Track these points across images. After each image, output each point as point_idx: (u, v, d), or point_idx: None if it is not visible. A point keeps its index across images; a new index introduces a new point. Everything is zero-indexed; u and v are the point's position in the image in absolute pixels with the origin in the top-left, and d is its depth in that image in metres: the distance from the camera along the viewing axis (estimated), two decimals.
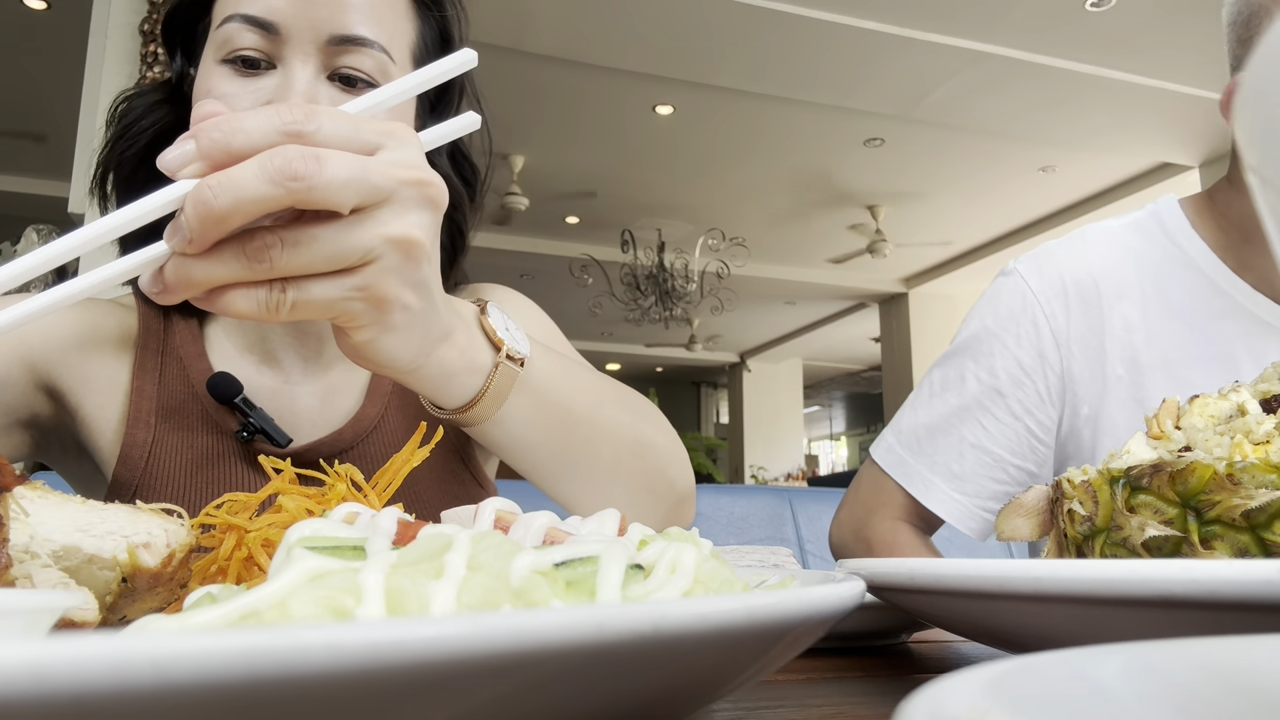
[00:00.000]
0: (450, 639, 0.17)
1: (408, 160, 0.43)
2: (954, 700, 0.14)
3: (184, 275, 0.39)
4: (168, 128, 0.78)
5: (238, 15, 0.68)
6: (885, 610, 0.52)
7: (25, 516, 0.31)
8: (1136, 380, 0.87)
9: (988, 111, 4.76)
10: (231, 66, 0.69)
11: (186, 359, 0.78)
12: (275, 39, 0.68)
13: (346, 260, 0.42)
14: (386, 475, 0.50)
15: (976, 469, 0.92)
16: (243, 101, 0.68)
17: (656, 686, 0.23)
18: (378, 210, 0.42)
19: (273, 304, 0.41)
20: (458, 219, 0.84)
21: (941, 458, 0.94)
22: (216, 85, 0.68)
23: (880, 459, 0.99)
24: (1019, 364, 0.92)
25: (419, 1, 0.77)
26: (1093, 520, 0.45)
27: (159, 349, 0.79)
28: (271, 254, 0.40)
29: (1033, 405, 0.91)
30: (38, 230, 2.95)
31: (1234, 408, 0.47)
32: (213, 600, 0.26)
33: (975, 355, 0.95)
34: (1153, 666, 0.18)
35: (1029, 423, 0.92)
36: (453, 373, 0.53)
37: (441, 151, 0.80)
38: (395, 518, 0.29)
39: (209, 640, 0.16)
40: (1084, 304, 0.90)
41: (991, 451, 0.92)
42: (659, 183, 6.31)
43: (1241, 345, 0.85)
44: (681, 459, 0.74)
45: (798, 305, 9.20)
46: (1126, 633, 0.28)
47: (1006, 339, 0.93)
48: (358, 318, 0.45)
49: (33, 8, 4.18)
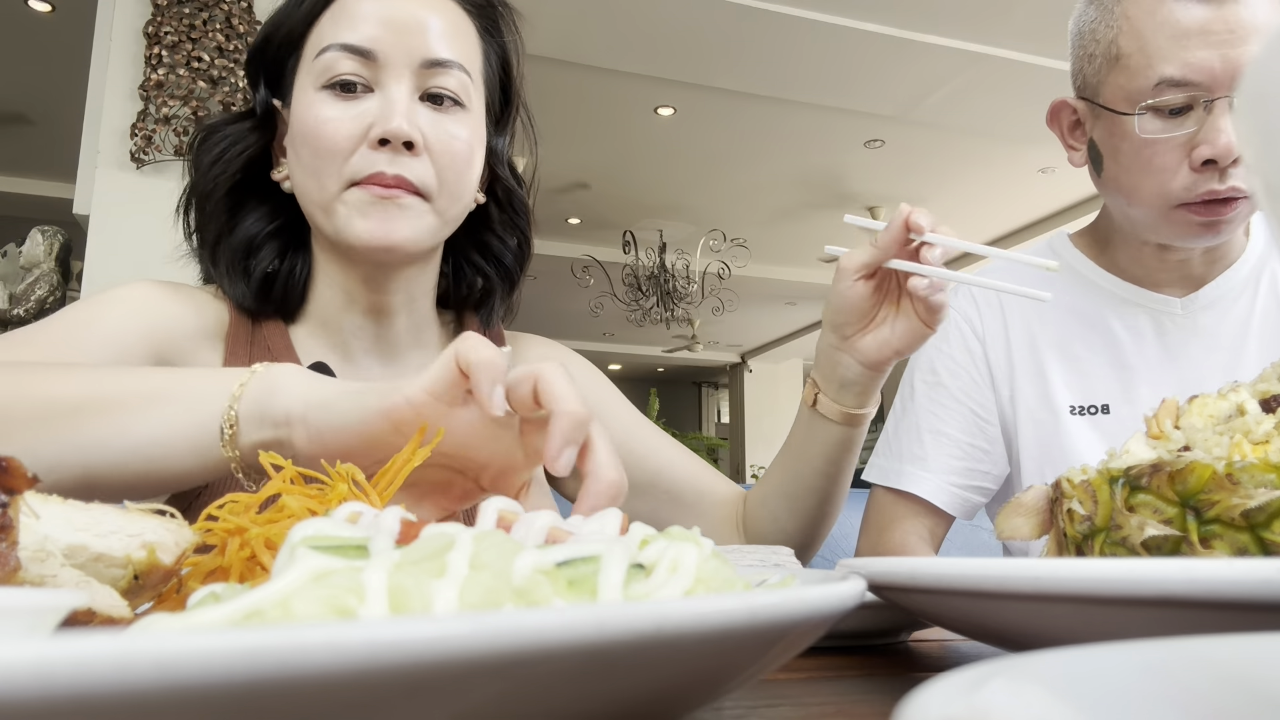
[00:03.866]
0: (452, 638, 0.17)
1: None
2: (954, 699, 0.14)
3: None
4: (255, 155, 0.82)
5: (337, 44, 0.75)
6: (885, 609, 0.52)
7: (37, 519, 0.31)
8: (1036, 358, 1.06)
9: (988, 113, 4.76)
10: (331, 92, 0.76)
11: (276, 351, 0.82)
12: (373, 64, 0.75)
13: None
14: (387, 475, 0.50)
15: (935, 449, 1.06)
16: (346, 125, 0.74)
17: (657, 685, 0.23)
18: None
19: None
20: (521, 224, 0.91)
21: (905, 447, 1.07)
22: (321, 110, 0.75)
23: (869, 476, 1.11)
24: (952, 359, 1.10)
25: (485, 29, 0.84)
26: (1092, 520, 0.45)
27: (249, 340, 0.82)
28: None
29: (970, 388, 1.08)
30: (43, 231, 2.95)
31: (1233, 407, 0.47)
32: (216, 599, 0.26)
33: (916, 366, 1.14)
34: (1152, 665, 0.18)
35: (970, 405, 1.08)
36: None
37: (504, 162, 0.89)
38: (398, 517, 0.29)
39: (212, 639, 0.16)
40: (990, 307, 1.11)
41: (945, 433, 1.07)
42: (660, 184, 6.31)
43: (1114, 317, 1.04)
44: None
45: (798, 306, 9.20)
46: (1126, 632, 0.28)
47: (940, 344, 1.11)
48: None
49: (37, 10, 4.18)
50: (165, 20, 2.91)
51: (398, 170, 0.74)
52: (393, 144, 0.74)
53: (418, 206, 0.76)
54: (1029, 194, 6.44)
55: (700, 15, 3.85)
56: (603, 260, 7.07)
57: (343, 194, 0.75)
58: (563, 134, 5.44)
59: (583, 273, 7.13)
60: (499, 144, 0.88)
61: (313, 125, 0.75)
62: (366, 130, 0.74)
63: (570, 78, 4.71)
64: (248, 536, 0.39)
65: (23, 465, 0.28)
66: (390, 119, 0.73)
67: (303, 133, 0.76)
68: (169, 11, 2.92)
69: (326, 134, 0.74)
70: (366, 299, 0.83)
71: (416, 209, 0.76)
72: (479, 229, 0.89)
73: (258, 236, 0.83)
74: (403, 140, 0.73)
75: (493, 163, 0.87)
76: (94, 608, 0.29)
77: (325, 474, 0.46)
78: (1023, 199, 6.53)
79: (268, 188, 0.83)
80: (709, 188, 6.39)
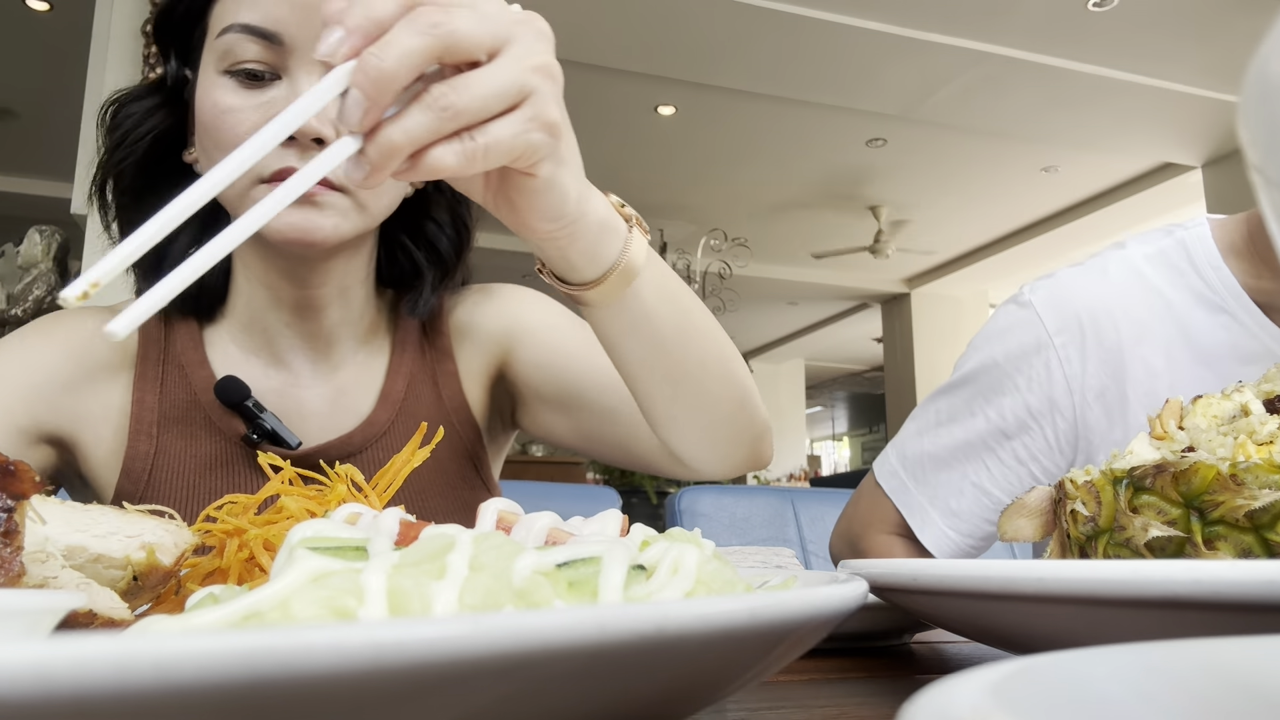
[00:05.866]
0: (452, 640, 0.17)
1: (506, 8, 0.48)
2: (957, 701, 0.14)
3: (386, 145, 0.42)
4: (165, 132, 0.76)
5: (237, 25, 0.66)
6: (888, 611, 0.52)
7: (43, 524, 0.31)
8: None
9: (990, 112, 4.76)
10: (235, 78, 0.67)
11: (188, 366, 0.77)
12: (279, 50, 0.67)
13: (509, 94, 0.45)
14: (387, 476, 0.50)
15: (974, 508, 0.90)
16: (249, 115, 0.67)
17: (659, 687, 0.23)
18: (509, 49, 0.45)
19: (470, 151, 0.44)
20: (460, 210, 0.84)
21: (942, 492, 0.92)
22: (221, 99, 0.67)
23: (883, 481, 0.98)
24: (1028, 408, 0.88)
25: None
26: (1096, 521, 0.45)
27: (160, 358, 0.78)
28: (448, 99, 0.43)
29: (1039, 452, 0.88)
30: (40, 231, 2.95)
31: (1237, 408, 0.47)
32: (215, 601, 0.26)
33: (984, 391, 0.91)
34: (1156, 667, 0.18)
35: (1033, 468, 0.89)
36: (603, 222, 0.56)
37: None
38: (397, 518, 0.29)
39: (211, 641, 0.16)
40: (1102, 348, 0.85)
41: (991, 494, 0.90)
42: (661, 183, 6.31)
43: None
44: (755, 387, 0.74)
45: (800, 306, 9.20)
46: (1130, 633, 0.27)
47: (1017, 379, 0.88)
48: (539, 149, 0.48)
49: (35, 9, 4.19)
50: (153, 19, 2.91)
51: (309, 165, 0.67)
52: (300, 140, 0.65)
53: (338, 202, 0.68)
54: (1032, 193, 6.44)
55: (701, 13, 3.85)
56: None
57: (250, 191, 0.67)
58: None
59: None
60: None
61: (212, 115, 0.67)
62: None
63: (570, 77, 4.65)
64: (246, 538, 0.39)
65: (30, 470, 0.28)
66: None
67: (203, 121, 0.69)
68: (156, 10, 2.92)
69: (226, 126, 0.67)
70: (292, 294, 0.76)
71: (336, 205, 0.68)
72: (415, 213, 0.82)
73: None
74: (311, 138, 0.65)
75: None
76: (94, 609, 0.29)
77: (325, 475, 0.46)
78: (1025, 198, 6.53)
79: (182, 168, 0.76)
80: (710, 187, 6.39)
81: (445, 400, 0.85)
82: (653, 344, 0.64)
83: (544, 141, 0.48)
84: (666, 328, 0.63)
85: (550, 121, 0.47)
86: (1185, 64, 4.33)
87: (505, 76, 0.45)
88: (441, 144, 0.44)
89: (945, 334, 8.10)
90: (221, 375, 0.76)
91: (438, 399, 0.85)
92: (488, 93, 0.44)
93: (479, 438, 0.86)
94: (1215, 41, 4.12)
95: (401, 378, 0.83)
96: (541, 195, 0.51)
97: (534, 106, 0.46)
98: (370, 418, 0.80)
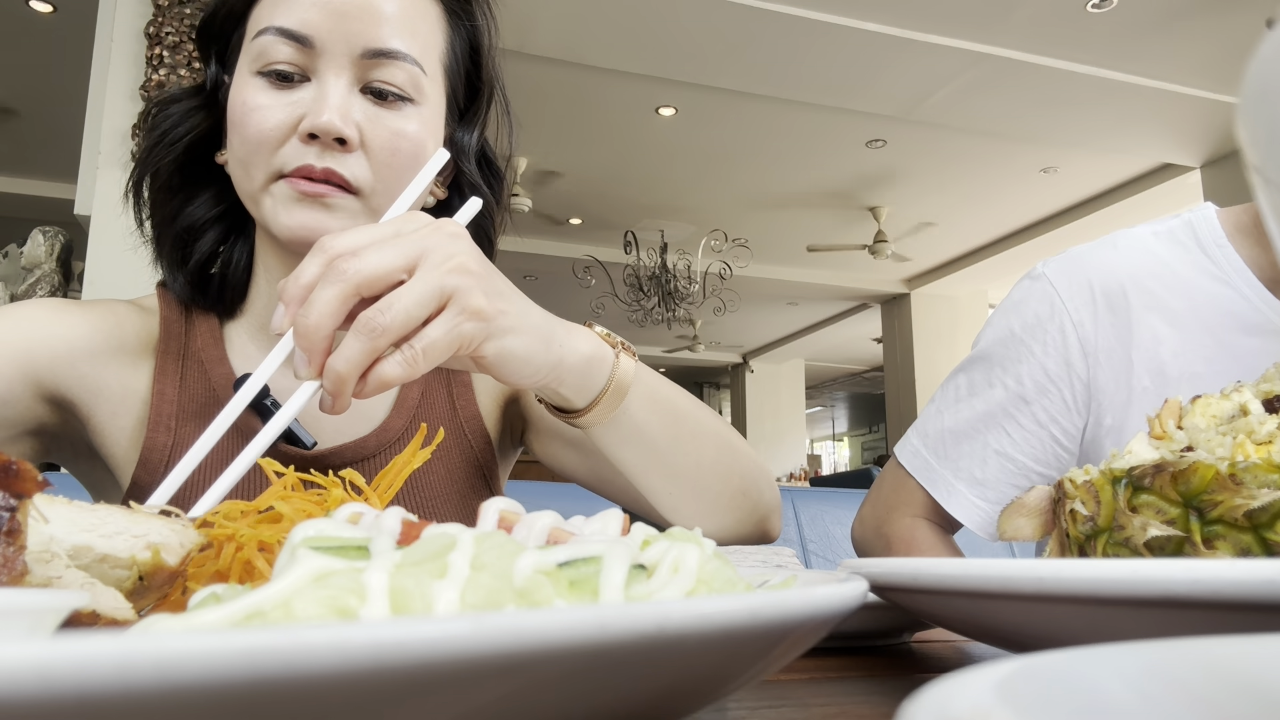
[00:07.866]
0: (454, 639, 0.17)
1: (420, 221, 0.54)
2: (957, 700, 0.14)
3: (333, 376, 0.49)
4: (203, 134, 0.77)
5: (272, 28, 0.69)
6: (888, 610, 0.52)
7: (45, 523, 0.31)
8: (1162, 393, 0.85)
9: (989, 112, 4.76)
10: (266, 79, 0.70)
11: (208, 362, 0.78)
12: (309, 52, 0.69)
13: (432, 299, 0.50)
14: (387, 477, 0.50)
15: (999, 475, 0.93)
16: (276, 113, 0.69)
17: (659, 686, 0.23)
18: (425, 260, 0.51)
19: (411, 359, 0.50)
20: (485, 224, 0.86)
21: (965, 463, 0.94)
22: (251, 97, 0.70)
23: (905, 461, 0.99)
24: (1045, 372, 0.91)
25: (451, 11, 0.78)
26: (1095, 520, 0.45)
27: (180, 352, 0.78)
28: (375, 321, 0.49)
29: (1058, 413, 0.91)
30: (44, 232, 2.95)
31: (1236, 408, 0.47)
32: (217, 600, 0.26)
33: (1002, 362, 0.94)
34: (1155, 666, 0.18)
35: (1054, 430, 0.92)
36: (589, 356, 0.62)
37: (471, 157, 0.82)
38: (399, 518, 0.29)
39: (213, 640, 0.16)
40: (1112, 313, 0.89)
41: (1015, 459, 0.92)
42: (661, 184, 6.31)
43: (1270, 362, 0.83)
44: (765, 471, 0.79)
45: (800, 306, 9.20)
46: (1129, 633, 0.28)
47: (1033, 346, 0.92)
48: (474, 336, 0.53)
49: (38, 10, 4.19)
50: (166, 21, 2.91)
51: (328, 164, 0.69)
52: (322, 139, 0.68)
53: (349, 205, 0.70)
54: (1031, 193, 6.44)
55: (701, 15, 3.85)
56: (604, 260, 7.07)
57: (270, 186, 0.70)
58: (563, 134, 5.44)
59: (584, 273, 7.13)
60: (463, 137, 0.81)
61: (241, 112, 0.70)
62: (298, 121, 0.69)
63: (570, 78, 4.71)
64: (240, 539, 0.39)
65: (33, 469, 0.28)
66: (320, 113, 0.68)
67: (233, 119, 0.71)
68: (170, 12, 2.92)
69: (254, 122, 0.69)
70: None
71: (348, 208, 0.70)
72: None
73: (200, 221, 0.78)
74: (333, 136, 0.68)
75: (455, 157, 0.81)
76: (98, 609, 0.29)
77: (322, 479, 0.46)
78: (1024, 198, 6.54)
79: (215, 170, 0.78)
80: (710, 188, 6.39)
81: (459, 410, 0.86)
82: (647, 450, 0.69)
83: (477, 328, 0.53)
84: (660, 436, 0.69)
85: (476, 309, 0.52)
86: (1184, 64, 4.33)
87: (423, 287, 0.50)
88: (384, 360, 0.50)
89: (945, 334, 8.10)
90: (240, 373, 0.77)
91: (452, 408, 0.86)
92: (410, 304, 0.49)
93: (490, 449, 0.87)
94: (1214, 42, 4.12)
95: (417, 385, 0.84)
96: (502, 366, 0.56)
97: (458, 302, 0.51)
98: (385, 423, 0.81)
